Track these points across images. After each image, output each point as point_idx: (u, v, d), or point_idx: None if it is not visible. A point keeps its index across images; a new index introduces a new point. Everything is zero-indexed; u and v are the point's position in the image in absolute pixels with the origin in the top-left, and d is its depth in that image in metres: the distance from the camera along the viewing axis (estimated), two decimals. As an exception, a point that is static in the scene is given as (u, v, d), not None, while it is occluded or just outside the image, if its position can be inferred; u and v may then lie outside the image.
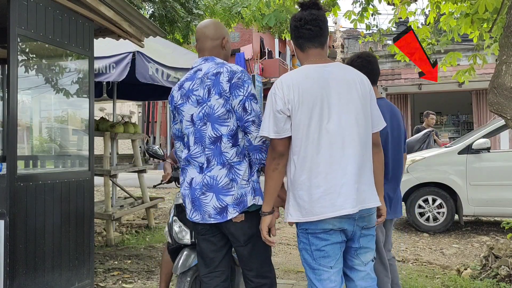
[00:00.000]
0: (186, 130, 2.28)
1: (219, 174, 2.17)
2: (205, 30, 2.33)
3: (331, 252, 1.99)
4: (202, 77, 2.23)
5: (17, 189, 2.87)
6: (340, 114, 1.97)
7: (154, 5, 8.47)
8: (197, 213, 2.22)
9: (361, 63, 2.72)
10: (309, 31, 2.06)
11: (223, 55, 2.35)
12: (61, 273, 3.25)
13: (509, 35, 3.09)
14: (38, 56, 3.87)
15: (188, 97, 2.25)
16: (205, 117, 2.19)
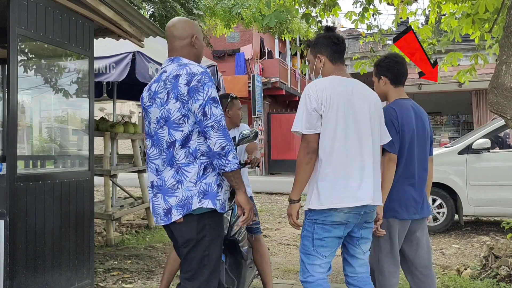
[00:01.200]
0: (152, 132, 2.26)
1: (167, 175, 2.14)
2: (173, 30, 2.27)
3: (330, 244, 2.32)
4: (165, 79, 2.18)
5: (17, 189, 2.87)
6: (360, 121, 2.33)
7: (154, 5, 8.47)
8: (155, 216, 2.21)
9: (388, 64, 2.77)
10: (343, 49, 2.49)
11: (193, 54, 2.29)
12: (61, 273, 3.25)
13: (509, 35, 3.09)
14: (38, 56, 3.87)
15: (154, 99, 2.21)
16: (162, 120, 2.15)
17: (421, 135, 2.72)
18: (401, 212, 2.66)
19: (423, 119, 2.76)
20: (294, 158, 18.52)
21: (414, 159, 2.67)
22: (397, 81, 2.77)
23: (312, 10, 5.21)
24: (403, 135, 2.66)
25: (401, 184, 2.66)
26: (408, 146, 2.66)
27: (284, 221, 7.57)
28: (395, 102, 2.77)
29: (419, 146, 2.70)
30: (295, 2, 4.88)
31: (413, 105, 2.77)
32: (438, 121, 15.86)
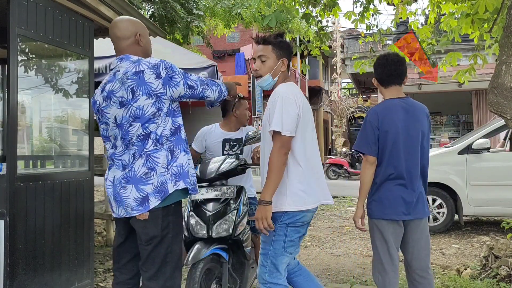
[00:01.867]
0: (112, 131, 2.24)
1: (137, 165, 2.15)
2: (115, 31, 2.29)
3: (298, 242, 2.45)
4: (122, 78, 2.16)
5: (17, 189, 2.87)
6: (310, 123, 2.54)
7: (154, 5, 8.48)
8: (121, 209, 2.20)
9: (376, 65, 2.79)
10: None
11: (140, 52, 2.28)
12: (61, 273, 3.25)
13: (509, 35, 3.09)
14: (38, 56, 3.87)
15: (110, 99, 2.20)
16: (132, 118, 2.14)
17: (412, 134, 2.65)
18: (388, 213, 2.63)
19: (417, 118, 2.69)
20: (294, 158, 18.49)
21: (400, 159, 2.62)
22: (385, 81, 2.74)
23: (312, 10, 5.22)
24: (385, 136, 2.63)
25: (388, 184, 2.64)
26: (392, 147, 2.62)
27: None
28: (383, 102, 2.78)
29: (408, 145, 2.63)
30: (295, 2, 4.88)
31: (406, 104, 2.70)
32: (438, 121, 15.88)
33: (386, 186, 2.65)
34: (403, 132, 2.63)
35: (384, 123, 2.64)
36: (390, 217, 2.64)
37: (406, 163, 2.63)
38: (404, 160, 2.63)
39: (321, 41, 5.53)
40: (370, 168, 2.66)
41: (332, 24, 20.68)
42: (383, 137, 2.63)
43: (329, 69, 27.45)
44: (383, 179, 2.65)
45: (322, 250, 5.55)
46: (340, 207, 9.15)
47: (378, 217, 2.68)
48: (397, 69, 2.72)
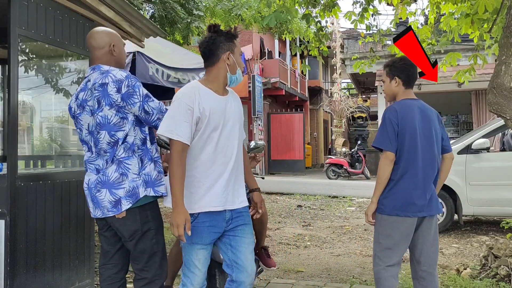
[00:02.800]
0: (86, 137, 2.40)
1: (110, 170, 2.31)
2: (91, 41, 2.43)
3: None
4: (91, 88, 2.32)
5: (18, 189, 2.87)
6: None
7: (155, 6, 8.48)
8: (98, 210, 2.36)
9: (404, 66, 2.83)
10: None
11: (114, 61, 2.42)
12: (61, 272, 3.26)
13: (508, 36, 3.10)
14: (38, 56, 3.88)
15: (83, 107, 2.36)
16: (98, 126, 2.30)
17: (427, 135, 2.72)
18: (403, 209, 2.67)
19: (430, 119, 2.76)
20: (293, 158, 18.53)
21: (417, 158, 2.67)
22: (409, 83, 2.83)
23: (312, 10, 5.22)
24: (403, 134, 2.67)
25: (403, 182, 2.67)
26: (409, 145, 2.67)
27: (284, 221, 7.58)
28: (400, 101, 2.81)
29: (424, 145, 2.70)
30: (295, 3, 4.89)
31: (420, 105, 2.79)
32: (437, 121, 15.86)
33: (402, 183, 2.68)
34: (420, 131, 2.70)
35: (403, 121, 2.69)
36: (405, 214, 2.67)
37: (422, 162, 2.68)
38: (422, 158, 2.68)
39: (320, 41, 5.54)
40: (390, 164, 2.68)
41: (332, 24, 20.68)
42: (401, 134, 2.68)
43: (329, 69, 27.46)
44: (400, 176, 2.69)
45: (322, 250, 5.56)
46: (340, 207, 9.16)
47: (392, 214, 2.69)
48: (415, 71, 2.85)
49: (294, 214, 8.29)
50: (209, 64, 2.29)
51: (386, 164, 2.68)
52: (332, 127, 22.61)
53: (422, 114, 2.75)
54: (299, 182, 14.29)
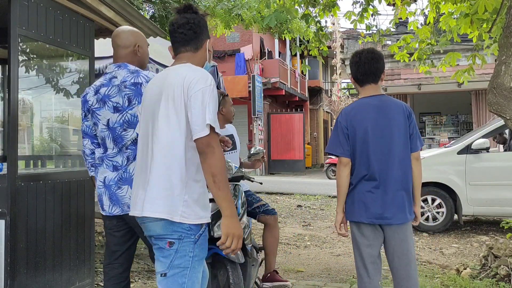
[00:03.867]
0: (102, 133, 2.39)
1: (132, 167, 2.30)
2: (116, 39, 2.43)
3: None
4: (119, 85, 2.31)
5: (18, 189, 2.88)
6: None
7: (155, 6, 8.49)
8: (116, 207, 2.35)
9: (350, 65, 2.70)
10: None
11: (137, 62, 2.42)
12: (61, 272, 3.26)
13: (508, 36, 3.10)
14: (38, 56, 3.89)
15: (105, 102, 2.34)
16: (125, 124, 2.31)
17: (385, 134, 2.50)
18: (356, 215, 2.52)
19: (389, 117, 2.52)
20: (293, 158, 18.54)
21: (371, 160, 2.48)
22: (361, 80, 2.62)
23: (312, 10, 5.23)
24: (354, 136, 2.51)
25: (362, 185, 2.52)
26: (361, 148, 2.50)
27: (284, 221, 7.58)
28: (355, 101, 2.68)
29: (381, 145, 2.49)
30: (294, 2, 4.89)
31: (378, 103, 2.55)
32: (437, 121, 15.87)
33: (359, 187, 2.52)
34: (373, 132, 2.49)
35: (353, 123, 2.52)
36: (359, 220, 2.52)
37: (378, 164, 2.48)
38: (376, 160, 2.48)
39: (320, 41, 5.54)
40: (344, 169, 2.53)
41: (332, 24, 20.68)
42: (352, 137, 2.51)
43: (329, 69, 27.46)
44: (357, 180, 2.53)
45: (322, 250, 5.56)
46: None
47: (349, 219, 2.60)
48: (371, 67, 2.57)
49: (294, 214, 8.29)
50: (190, 50, 1.98)
51: (341, 170, 2.54)
52: (332, 127, 22.62)
53: (378, 112, 2.53)
54: (299, 182, 14.29)
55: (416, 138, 2.59)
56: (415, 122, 2.61)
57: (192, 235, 1.83)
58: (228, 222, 1.78)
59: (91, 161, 2.51)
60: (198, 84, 1.82)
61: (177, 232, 1.82)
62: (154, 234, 1.88)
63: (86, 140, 2.49)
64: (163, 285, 1.86)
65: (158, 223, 1.83)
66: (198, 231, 1.85)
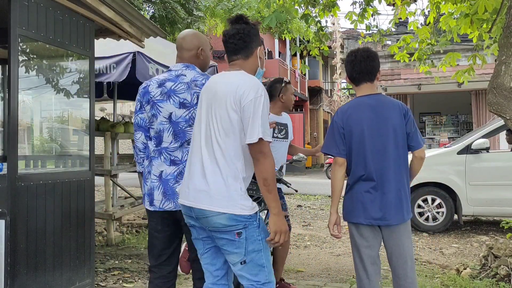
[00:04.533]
0: (161, 125, 2.41)
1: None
2: (181, 41, 2.51)
3: (194, 244, 2.21)
4: (189, 83, 2.39)
5: (18, 189, 2.88)
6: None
7: (155, 6, 8.49)
8: (170, 202, 2.36)
9: (344, 65, 2.71)
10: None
11: (199, 64, 2.51)
12: (62, 272, 3.26)
13: (508, 36, 3.10)
14: (38, 56, 3.88)
15: (170, 96, 2.40)
16: (191, 120, 2.36)
17: (382, 133, 2.49)
18: (355, 216, 2.53)
19: (385, 116, 2.51)
20: (294, 158, 18.50)
21: (367, 159, 2.48)
22: (356, 79, 2.61)
23: (312, 10, 5.23)
24: (350, 136, 2.52)
25: (359, 186, 2.52)
26: (358, 147, 2.50)
27: (284, 221, 7.57)
28: (350, 101, 2.68)
29: (377, 145, 2.49)
30: (294, 3, 4.89)
31: (374, 102, 2.55)
32: (437, 121, 15.86)
33: (357, 187, 2.52)
34: (369, 131, 2.49)
35: (348, 123, 2.52)
36: (358, 221, 2.52)
37: (375, 164, 2.48)
38: (372, 160, 2.48)
39: (320, 41, 5.54)
40: (339, 170, 2.55)
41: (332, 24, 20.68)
42: (348, 137, 2.52)
43: (329, 69, 27.46)
44: (354, 180, 2.53)
45: (322, 249, 5.56)
46: (340, 207, 9.15)
47: (348, 220, 2.59)
48: (367, 66, 2.57)
49: (294, 214, 8.29)
50: (241, 57, 2.15)
51: (336, 170, 2.56)
52: (332, 127, 22.58)
53: (374, 111, 2.52)
54: (299, 182, 14.29)
55: (416, 136, 2.58)
56: (412, 120, 2.59)
57: (253, 221, 2.03)
58: (276, 219, 2.00)
59: (143, 156, 2.52)
60: (250, 95, 1.99)
61: (241, 222, 2.00)
62: (219, 227, 2.01)
63: (140, 134, 2.51)
64: (245, 271, 2.06)
65: (221, 216, 1.99)
66: (256, 217, 2.05)
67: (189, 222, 2.15)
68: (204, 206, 2.01)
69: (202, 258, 2.18)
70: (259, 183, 2.00)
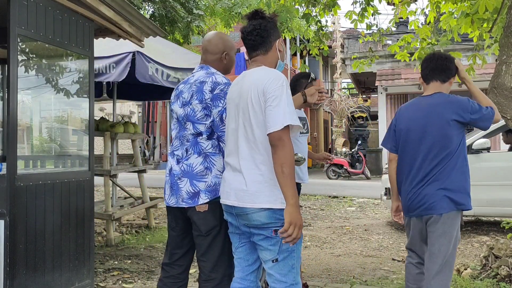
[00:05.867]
0: (173, 126, 2.54)
1: (195, 161, 2.36)
2: (206, 44, 2.54)
3: (232, 238, 2.24)
4: (192, 83, 2.45)
5: (17, 189, 2.87)
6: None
7: (154, 5, 8.48)
8: (173, 197, 2.41)
9: (422, 63, 2.83)
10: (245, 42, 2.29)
11: (222, 68, 2.53)
12: (61, 273, 3.25)
13: (509, 35, 3.10)
14: (38, 56, 3.87)
15: (178, 98, 2.50)
16: (185, 117, 2.42)
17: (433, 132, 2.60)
18: (404, 209, 2.79)
19: (437, 114, 2.61)
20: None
21: (405, 158, 2.71)
22: (427, 77, 2.77)
23: (312, 9, 5.22)
24: (399, 133, 2.75)
25: (406, 180, 2.73)
26: (402, 145, 2.74)
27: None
28: (411, 100, 2.87)
29: (423, 143, 2.62)
30: (295, 2, 4.88)
31: (431, 99, 2.67)
32: (438, 121, 15.82)
33: (402, 183, 2.75)
34: (417, 130, 2.66)
35: (399, 121, 2.74)
36: (405, 214, 2.79)
37: (410, 162, 2.68)
38: (409, 158, 2.69)
39: (320, 41, 5.53)
40: (391, 164, 2.80)
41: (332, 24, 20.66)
42: (398, 134, 2.74)
43: (329, 69, 27.44)
44: (401, 175, 2.75)
45: (322, 250, 5.55)
46: (340, 207, 9.15)
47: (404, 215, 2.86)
48: (442, 64, 2.70)
49: (294, 214, 8.27)
50: (260, 53, 2.18)
51: (388, 164, 2.82)
52: (332, 127, 22.59)
53: (427, 110, 2.64)
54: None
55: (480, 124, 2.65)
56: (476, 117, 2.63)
57: None
58: (292, 210, 1.94)
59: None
60: (271, 85, 2.01)
61: (280, 219, 2.00)
62: (258, 224, 2.04)
63: (174, 133, 2.60)
64: (275, 270, 2.07)
65: (262, 213, 2.02)
66: None
67: (227, 218, 2.20)
68: (246, 204, 2.04)
69: (236, 252, 2.22)
70: (277, 171, 1.97)
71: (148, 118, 17.98)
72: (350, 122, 19.96)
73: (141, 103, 18.74)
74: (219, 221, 2.32)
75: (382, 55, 13.71)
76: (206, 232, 2.32)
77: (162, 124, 18.97)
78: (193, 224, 2.37)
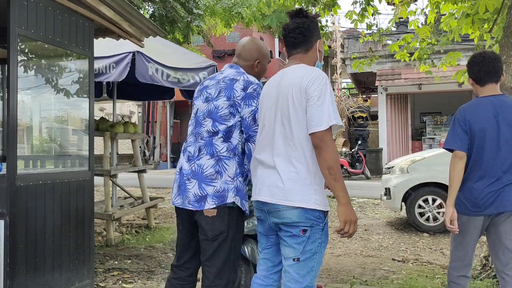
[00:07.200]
0: (190, 122, 2.47)
1: (206, 163, 2.29)
2: (240, 49, 2.54)
3: (259, 238, 2.25)
4: (220, 79, 2.42)
5: (17, 189, 2.87)
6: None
7: (154, 5, 8.47)
8: (180, 198, 2.35)
9: (469, 65, 2.80)
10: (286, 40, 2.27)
11: (252, 75, 2.47)
12: (61, 273, 3.25)
13: (509, 35, 3.09)
14: (38, 56, 3.87)
15: (201, 93, 2.45)
16: (206, 113, 2.36)
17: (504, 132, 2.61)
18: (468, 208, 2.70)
19: (507, 114, 2.62)
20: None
21: (484, 156, 2.62)
22: (482, 80, 2.72)
23: (312, 9, 5.22)
24: (472, 133, 2.63)
25: (469, 181, 2.67)
26: (477, 145, 2.63)
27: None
28: (472, 100, 2.78)
29: (497, 143, 2.60)
30: (295, 2, 4.88)
31: (498, 102, 2.66)
32: (438, 121, 15.87)
33: (466, 183, 2.68)
34: (491, 130, 2.61)
35: (471, 120, 2.64)
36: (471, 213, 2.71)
37: (493, 161, 2.61)
38: (487, 159, 2.62)
39: (321, 41, 5.52)
40: (459, 162, 2.66)
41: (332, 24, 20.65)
42: (470, 133, 2.65)
43: (329, 69, 27.44)
44: (469, 175, 2.68)
45: (322, 250, 5.55)
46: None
47: (459, 212, 2.73)
48: (495, 66, 2.70)
49: (294, 214, 8.27)
50: (301, 51, 2.16)
51: (455, 163, 2.67)
52: (332, 126, 22.55)
53: (497, 110, 2.63)
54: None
55: None
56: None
57: (320, 223, 2.06)
58: (345, 209, 1.99)
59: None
60: (315, 83, 2.00)
61: (310, 220, 2.02)
62: (288, 222, 2.03)
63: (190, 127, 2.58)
64: (294, 269, 2.06)
65: (293, 211, 2.01)
66: (324, 219, 2.08)
67: (259, 216, 2.18)
68: (279, 201, 2.02)
69: (262, 253, 2.22)
70: (324, 173, 1.98)
71: (148, 118, 17.98)
72: (350, 122, 19.96)
73: (141, 103, 18.74)
74: (227, 227, 2.27)
75: (382, 55, 13.72)
76: (212, 238, 2.27)
77: (162, 124, 18.97)
78: (199, 228, 2.32)
